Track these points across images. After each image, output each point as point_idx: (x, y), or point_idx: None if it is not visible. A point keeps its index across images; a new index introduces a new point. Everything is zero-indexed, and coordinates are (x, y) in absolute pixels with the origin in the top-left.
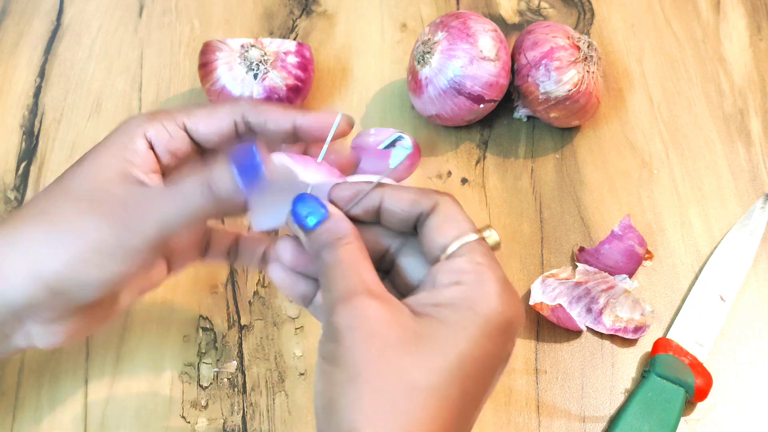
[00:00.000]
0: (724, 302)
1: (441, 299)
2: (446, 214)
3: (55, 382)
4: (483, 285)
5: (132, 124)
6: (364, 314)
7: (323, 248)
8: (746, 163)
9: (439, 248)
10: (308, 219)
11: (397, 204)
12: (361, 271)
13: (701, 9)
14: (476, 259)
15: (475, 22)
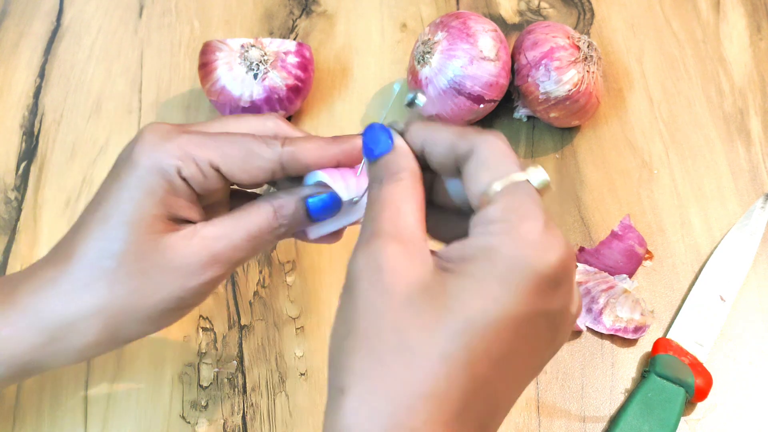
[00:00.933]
0: (724, 302)
1: (466, 251)
2: (484, 156)
3: (56, 383)
4: (512, 235)
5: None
6: (377, 261)
7: (374, 181)
8: (746, 162)
9: (476, 196)
10: (373, 149)
11: (435, 146)
12: (399, 211)
13: (701, 9)
14: (511, 205)
15: (475, 22)
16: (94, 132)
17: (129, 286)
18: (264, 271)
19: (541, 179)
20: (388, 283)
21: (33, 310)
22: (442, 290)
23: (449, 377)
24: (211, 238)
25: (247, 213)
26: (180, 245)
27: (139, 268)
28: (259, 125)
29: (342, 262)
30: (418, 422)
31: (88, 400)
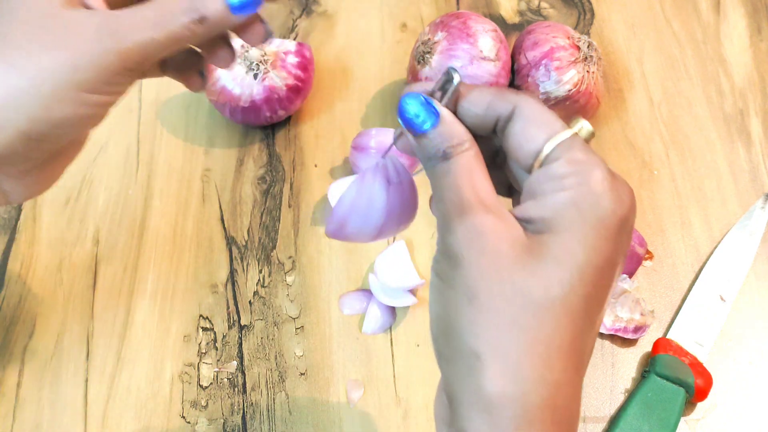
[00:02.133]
0: (724, 302)
1: (547, 209)
2: (529, 115)
3: (55, 382)
4: (588, 185)
5: None
6: (479, 231)
7: (435, 156)
8: (746, 163)
9: (530, 155)
10: (417, 122)
11: (471, 107)
12: (475, 181)
13: (701, 9)
14: (574, 158)
15: (475, 22)
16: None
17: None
18: (264, 271)
19: (588, 130)
20: (495, 246)
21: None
22: (543, 247)
23: (575, 326)
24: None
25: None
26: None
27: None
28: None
29: (342, 262)
30: (557, 373)
31: (87, 399)
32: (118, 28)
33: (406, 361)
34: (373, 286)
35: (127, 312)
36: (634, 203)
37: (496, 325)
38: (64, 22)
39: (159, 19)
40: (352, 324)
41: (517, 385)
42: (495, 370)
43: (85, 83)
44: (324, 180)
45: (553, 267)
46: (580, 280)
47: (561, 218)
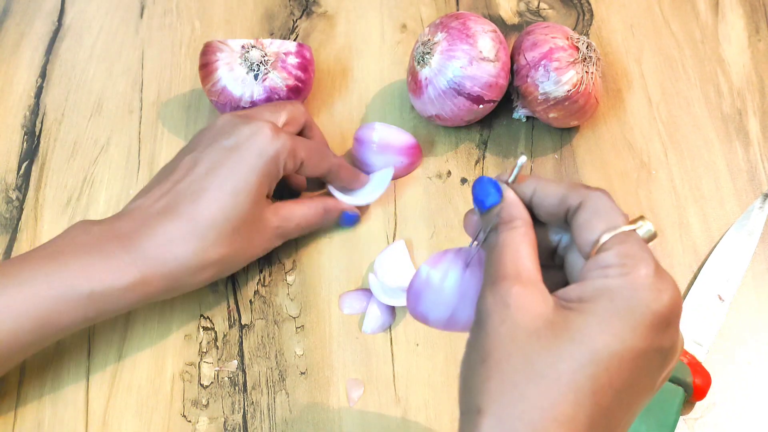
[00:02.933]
0: (722, 302)
1: (585, 292)
2: (595, 208)
3: (57, 381)
4: (628, 277)
5: (280, 154)
6: (505, 299)
7: (491, 229)
8: (744, 163)
9: (588, 244)
10: (483, 201)
11: (546, 198)
12: (518, 256)
13: (700, 10)
14: (624, 251)
15: (475, 22)
16: (95, 131)
17: (240, 245)
18: (264, 270)
19: (648, 230)
20: (516, 317)
21: (161, 261)
22: (565, 325)
23: (577, 404)
24: (285, 218)
25: (308, 206)
26: (269, 217)
27: (248, 231)
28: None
29: (342, 262)
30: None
31: (89, 398)
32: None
33: (405, 360)
34: (373, 286)
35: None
36: (677, 303)
37: (500, 386)
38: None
39: (304, 214)
40: (352, 323)
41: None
42: (490, 425)
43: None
44: None
45: (568, 344)
46: (593, 361)
47: (592, 302)
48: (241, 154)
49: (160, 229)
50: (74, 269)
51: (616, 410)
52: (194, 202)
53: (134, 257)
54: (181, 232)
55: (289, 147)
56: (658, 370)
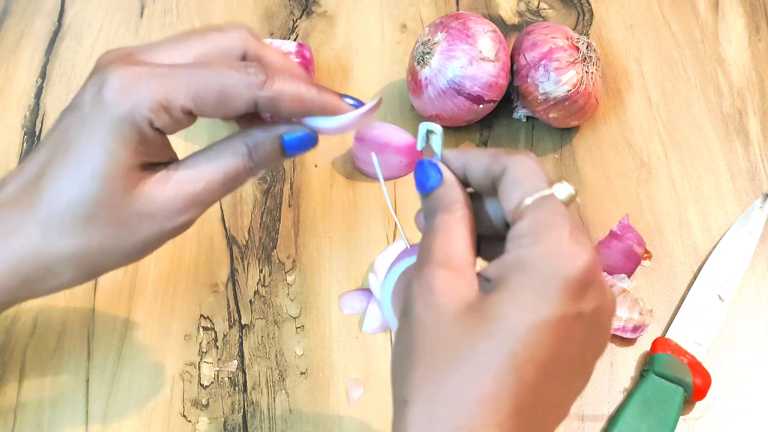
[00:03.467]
0: (722, 302)
1: (502, 267)
2: (513, 175)
3: (56, 381)
4: (540, 245)
5: (136, 113)
6: (429, 284)
7: (429, 214)
8: (745, 163)
9: (509, 213)
10: (424, 184)
11: (473, 171)
12: (450, 240)
13: (700, 10)
14: (537, 218)
15: (475, 22)
16: None
17: (104, 233)
18: (264, 270)
19: (567, 193)
20: (439, 303)
21: (2, 257)
22: (483, 306)
23: (498, 382)
24: (187, 182)
25: (222, 154)
26: (155, 191)
27: (114, 216)
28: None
29: (342, 262)
30: (475, 425)
31: (88, 399)
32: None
33: None
34: (373, 286)
35: (127, 311)
36: (591, 267)
37: (424, 374)
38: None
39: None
40: (352, 323)
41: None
42: (415, 415)
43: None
44: (324, 180)
45: (485, 324)
46: (510, 337)
47: (506, 277)
48: (82, 120)
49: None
50: None
51: (543, 385)
52: (35, 186)
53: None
54: (18, 221)
55: (153, 101)
56: (585, 338)
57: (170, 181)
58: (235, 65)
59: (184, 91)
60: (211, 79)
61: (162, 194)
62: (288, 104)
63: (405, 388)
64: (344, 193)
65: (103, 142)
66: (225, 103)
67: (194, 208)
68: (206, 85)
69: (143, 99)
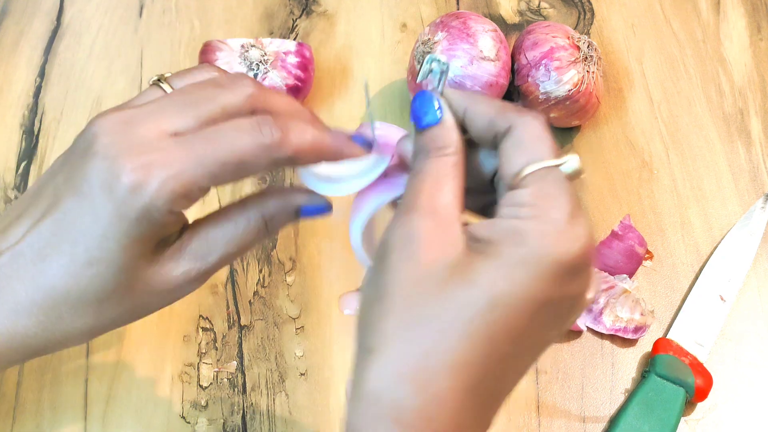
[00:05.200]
0: (724, 302)
1: (495, 232)
2: (520, 136)
3: (55, 382)
4: (539, 220)
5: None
6: (411, 233)
7: (420, 153)
8: (746, 163)
9: (509, 176)
10: (420, 117)
11: (475, 119)
12: (440, 187)
13: (701, 9)
14: (541, 191)
15: (475, 22)
16: None
17: (117, 311)
18: (264, 271)
19: (573, 167)
20: (420, 256)
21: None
22: (469, 268)
23: (473, 350)
24: (201, 257)
25: (238, 225)
26: (168, 268)
27: (129, 299)
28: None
29: (342, 262)
30: (440, 388)
31: (87, 400)
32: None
33: None
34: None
35: None
36: (587, 253)
37: (394, 327)
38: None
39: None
40: (352, 324)
41: (394, 385)
42: (381, 367)
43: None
44: None
45: (468, 287)
46: (491, 307)
47: (499, 244)
48: (94, 214)
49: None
50: None
51: (510, 358)
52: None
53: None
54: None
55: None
56: (559, 319)
57: (184, 256)
58: (247, 127)
59: (201, 173)
60: (227, 152)
61: (175, 270)
62: (305, 158)
63: (372, 336)
64: None
65: (118, 240)
66: (244, 172)
67: (206, 277)
68: (223, 158)
69: (161, 193)
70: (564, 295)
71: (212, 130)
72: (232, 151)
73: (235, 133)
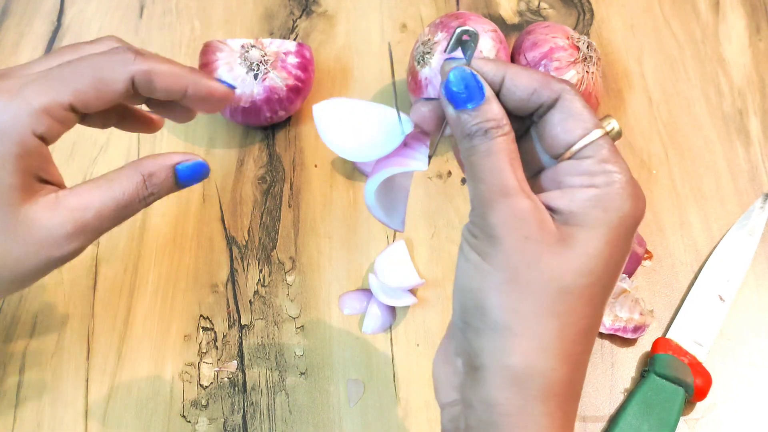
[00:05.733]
0: (723, 302)
1: (575, 204)
2: (569, 108)
3: (56, 382)
4: (614, 186)
5: (13, 126)
6: (521, 216)
7: (476, 134)
8: (745, 163)
9: (563, 146)
10: (462, 97)
11: (515, 90)
12: (516, 165)
13: (700, 10)
14: (604, 158)
15: (475, 22)
16: (94, 132)
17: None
18: (264, 270)
19: (617, 129)
20: (537, 234)
21: None
22: (574, 240)
23: (595, 312)
24: (78, 209)
25: (115, 181)
26: (43, 216)
27: (9, 233)
28: (97, 49)
29: (342, 262)
30: (578, 354)
31: (88, 399)
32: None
33: (406, 360)
34: (373, 286)
35: (127, 311)
36: (645, 207)
37: (531, 305)
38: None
39: (111, 196)
40: (352, 324)
41: (547, 361)
42: (527, 345)
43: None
44: (324, 180)
45: (584, 258)
46: (604, 272)
47: (588, 215)
48: None
49: None
50: None
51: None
52: None
53: None
54: None
55: (29, 107)
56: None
57: (59, 206)
58: (105, 48)
59: (61, 88)
60: (84, 68)
61: (50, 219)
62: (164, 79)
63: (509, 315)
64: (344, 193)
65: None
66: (104, 87)
67: (84, 236)
68: (81, 75)
69: (20, 108)
70: (631, 248)
71: (75, 59)
72: (89, 66)
73: (92, 55)
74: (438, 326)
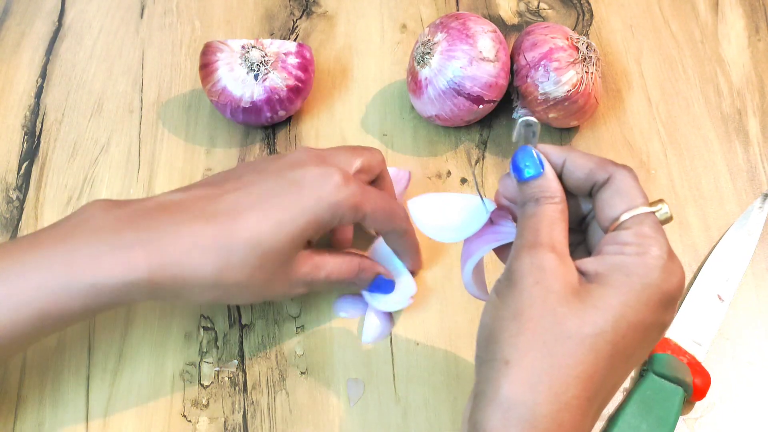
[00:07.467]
0: (722, 302)
1: (602, 266)
2: (618, 186)
3: (57, 381)
4: (644, 257)
5: (341, 207)
6: (540, 264)
7: (529, 200)
8: (744, 163)
9: (608, 219)
10: (524, 171)
11: (575, 171)
12: (553, 228)
13: (700, 10)
14: (641, 232)
15: (475, 23)
16: (96, 131)
17: (259, 279)
18: None
19: (665, 213)
20: (549, 281)
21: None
22: (589, 295)
23: (596, 364)
24: (318, 267)
25: (343, 260)
26: (300, 263)
27: (273, 268)
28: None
29: None
30: (569, 397)
31: (89, 398)
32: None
33: (405, 360)
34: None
35: (128, 310)
36: (682, 285)
37: (530, 342)
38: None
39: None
40: (352, 324)
41: (532, 394)
42: (517, 377)
43: None
44: None
45: (592, 311)
46: (612, 328)
47: (610, 276)
48: (300, 191)
49: (186, 229)
50: (81, 256)
51: (620, 372)
52: (234, 218)
53: (148, 251)
54: (208, 240)
55: (354, 201)
56: (654, 341)
57: (310, 261)
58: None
59: (369, 204)
60: (384, 204)
61: (302, 268)
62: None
63: (507, 348)
64: None
65: (307, 215)
66: (383, 222)
67: (309, 287)
68: (380, 205)
69: (349, 198)
70: (662, 321)
71: (380, 195)
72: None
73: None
74: (437, 325)
